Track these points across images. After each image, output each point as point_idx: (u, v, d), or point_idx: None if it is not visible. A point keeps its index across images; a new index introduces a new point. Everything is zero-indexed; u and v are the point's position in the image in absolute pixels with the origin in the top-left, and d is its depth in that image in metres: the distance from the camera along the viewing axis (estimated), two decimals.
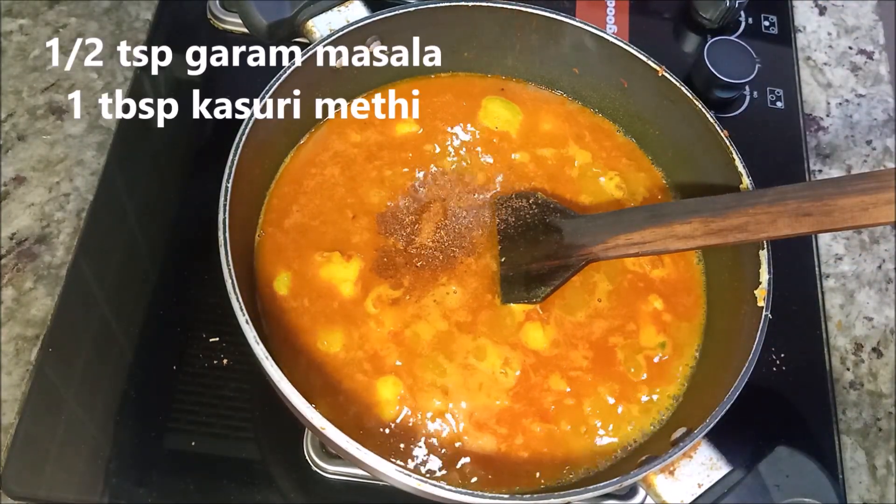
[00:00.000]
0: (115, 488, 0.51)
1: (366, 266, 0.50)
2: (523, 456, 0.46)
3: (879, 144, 0.70)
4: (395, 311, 0.48)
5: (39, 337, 0.54)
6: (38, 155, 0.62)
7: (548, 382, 0.47)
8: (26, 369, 0.53)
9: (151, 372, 0.55)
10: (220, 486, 0.51)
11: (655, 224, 0.45)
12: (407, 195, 0.53)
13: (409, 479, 0.39)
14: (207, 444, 0.52)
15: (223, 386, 0.54)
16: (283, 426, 0.50)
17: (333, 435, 0.39)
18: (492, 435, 0.46)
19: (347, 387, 0.46)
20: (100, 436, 0.53)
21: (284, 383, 0.40)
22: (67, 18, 0.68)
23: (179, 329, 0.56)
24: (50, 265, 0.57)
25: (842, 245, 0.65)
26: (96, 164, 0.61)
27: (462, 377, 0.47)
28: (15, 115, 0.63)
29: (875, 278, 0.64)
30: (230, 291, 0.42)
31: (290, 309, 0.48)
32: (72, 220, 0.59)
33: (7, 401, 0.52)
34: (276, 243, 0.51)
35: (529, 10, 0.53)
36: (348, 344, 0.47)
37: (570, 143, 0.57)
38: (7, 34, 0.67)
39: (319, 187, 0.53)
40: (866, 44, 0.76)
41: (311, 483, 0.51)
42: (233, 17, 0.68)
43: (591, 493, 0.40)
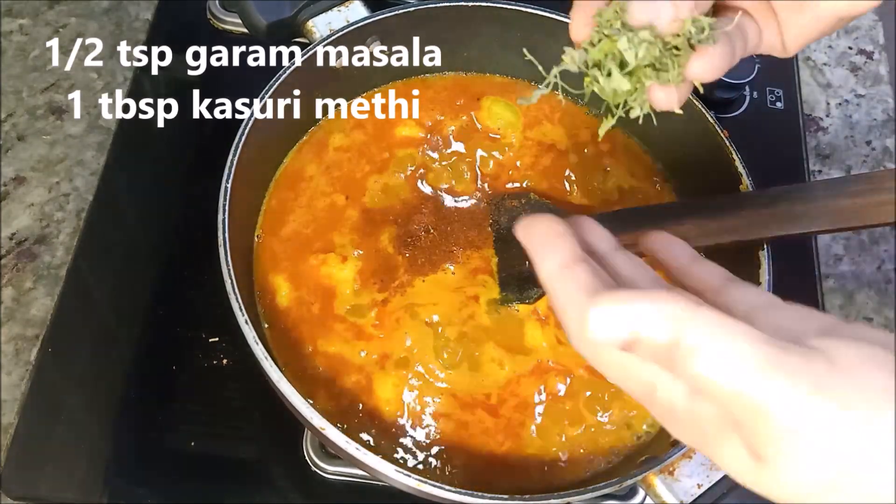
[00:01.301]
0: (115, 488, 0.51)
1: (363, 266, 0.50)
2: (523, 456, 0.46)
3: (879, 145, 0.70)
4: (393, 310, 0.48)
5: (39, 337, 0.54)
6: (38, 155, 0.62)
7: (548, 382, 0.47)
8: (26, 369, 0.53)
9: (151, 372, 0.55)
10: (219, 487, 0.51)
11: (649, 225, 0.45)
12: (405, 195, 0.53)
13: (409, 480, 0.39)
14: (207, 444, 0.52)
15: (223, 386, 0.54)
16: (282, 426, 0.50)
17: (333, 435, 0.39)
18: (492, 434, 0.46)
19: (347, 386, 0.46)
20: (100, 436, 0.53)
21: (284, 383, 0.40)
22: (67, 18, 0.68)
23: (179, 329, 0.56)
24: (50, 265, 0.57)
25: (841, 246, 0.65)
26: (96, 164, 0.61)
27: (462, 376, 0.47)
28: (15, 115, 0.63)
29: (875, 279, 0.64)
30: (229, 292, 0.42)
31: (289, 309, 0.48)
32: (71, 220, 0.59)
33: (7, 401, 0.52)
34: (275, 244, 0.51)
35: (529, 10, 0.53)
36: (347, 344, 0.47)
37: (569, 143, 0.57)
38: (7, 34, 0.67)
39: (319, 188, 0.53)
40: (866, 44, 0.76)
41: (310, 483, 0.51)
42: (233, 17, 0.67)
43: (591, 493, 0.40)
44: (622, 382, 0.25)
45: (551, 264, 0.26)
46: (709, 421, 0.22)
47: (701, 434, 0.23)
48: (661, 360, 0.21)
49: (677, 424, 0.24)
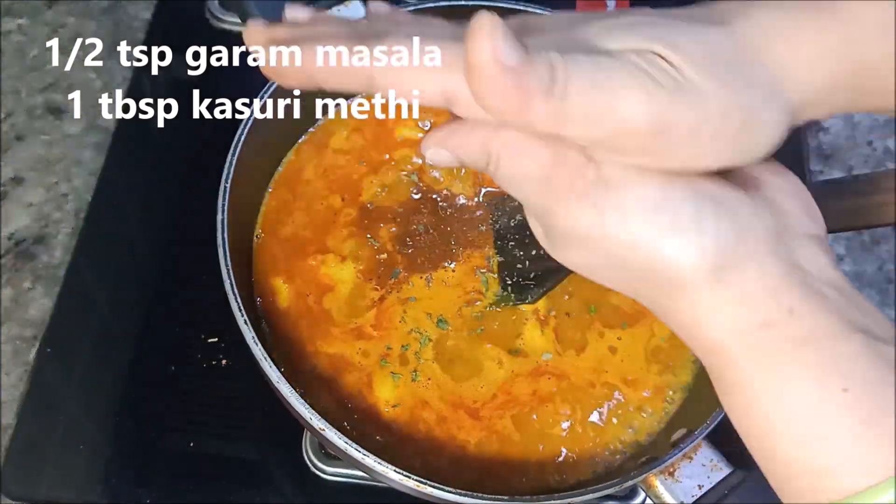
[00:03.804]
0: (115, 488, 0.51)
1: (362, 266, 0.50)
2: (523, 456, 0.45)
3: (880, 145, 0.70)
4: (392, 310, 0.48)
5: (38, 337, 0.54)
6: (37, 155, 0.62)
7: (548, 383, 0.47)
8: (25, 369, 0.53)
9: (151, 372, 0.54)
10: (218, 487, 0.51)
11: None
12: (404, 195, 0.53)
13: (409, 481, 0.39)
14: (206, 445, 0.52)
15: (222, 386, 0.54)
16: (281, 427, 0.50)
17: (332, 436, 0.39)
18: (491, 434, 0.46)
19: (346, 387, 0.46)
20: (99, 436, 0.53)
21: (283, 384, 0.40)
22: (66, 18, 0.68)
23: (179, 329, 0.56)
24: (48, 265, 0.57)
25: (842, 245, 0.65)
26: (95, 164, 0.61)
27: (462, 376, 0.47)
28: (13, 114, 0.63)
29: (876, 279, 0.64)
30: (229, 292, 0.42)
31: (289, 309, 0.48)
32: (70, 220, 0.59)
33: (6, 401, 0.52)
34: (274, 244, 0.51)
35: (529, 10, 0.53)
36: (346, 343, 0.47)
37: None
38: (6, 34, 0.67)
39: (318, 188, 0.53)
40: None
41: (310, 484, 0.51)
42: (232, 17, 0.67)
43: (592, 494, 0.40)
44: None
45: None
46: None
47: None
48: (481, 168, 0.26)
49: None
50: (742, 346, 0.23)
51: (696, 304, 0.24)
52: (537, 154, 0.24)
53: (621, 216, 0.23)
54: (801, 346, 0.22)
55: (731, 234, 0.23)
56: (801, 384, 0.22)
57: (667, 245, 0.23)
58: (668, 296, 0.25)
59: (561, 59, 0.22)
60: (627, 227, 0.23)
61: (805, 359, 0.22)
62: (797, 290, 0.23)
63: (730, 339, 0.24)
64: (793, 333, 0.23)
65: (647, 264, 0.23)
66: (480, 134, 0.25)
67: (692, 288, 0.23)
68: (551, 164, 0.24)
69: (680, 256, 0.23)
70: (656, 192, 0.23)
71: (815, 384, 0.22)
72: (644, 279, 0.25)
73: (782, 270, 0.23)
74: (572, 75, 0.21)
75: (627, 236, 0.23)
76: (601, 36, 0.24)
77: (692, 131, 0.22)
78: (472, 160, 0.25)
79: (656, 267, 0.23)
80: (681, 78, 0.22)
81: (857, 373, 0.22)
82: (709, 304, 0.24)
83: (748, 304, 0.23)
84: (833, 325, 0.23)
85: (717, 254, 0.23)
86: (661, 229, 0.23)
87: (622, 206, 0.23)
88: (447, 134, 0.26)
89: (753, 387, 0.23)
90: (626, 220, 0.23)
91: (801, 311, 0.23)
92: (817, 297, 0.23)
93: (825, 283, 0.24)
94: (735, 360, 0.24)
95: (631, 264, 0.24)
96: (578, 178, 0.23)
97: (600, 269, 0.26)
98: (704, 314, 0.24)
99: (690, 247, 0.23)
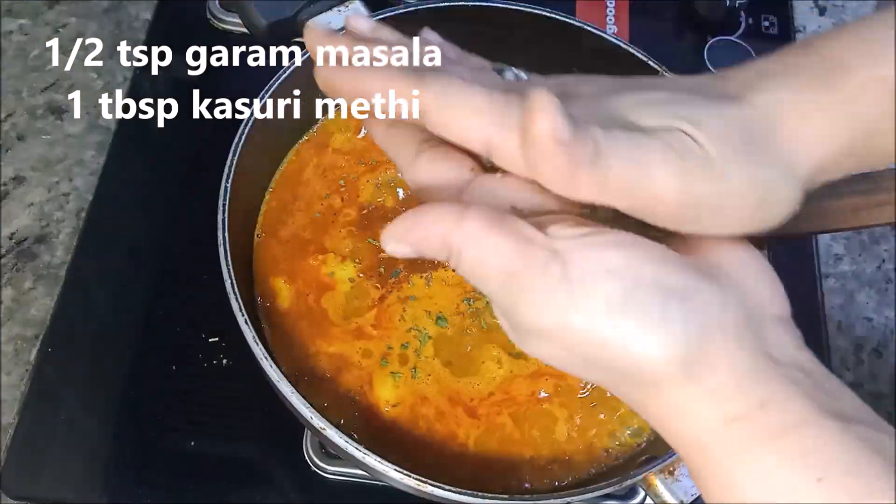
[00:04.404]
0: (115, 488, 0.51)
1: (362, 266, 0.50)
2: (522, 455, 0.46)
3: None
4: (392, 309, 0.48)
5: (38, 337, 0.54)
6: (38, 155, 0.62)
7: (547, 383, 0.47)
8: (25, 369, 0.53)
9: (151, 372, 0.55)
10: (219, 487, 0.51)
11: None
12: (404, 194, 0.53)
13: (409, 480, 0.39)
14: (207, 444, 0.52)
15: (223, 386, 0.54)
16: (282, 426, 0.50)
17: (333, 435, 0.39)
18: (491, 433, 0.46)
19: (347, 386, 0.46)
20: (100, 436, 0.53)
21: (284, 384, 0.40)
22: (67, 18, 0.68)
23: (179, 329, 0.56)
24: (49, 265, 0.57)
25: (842, 245, 0.65)
26: (96, 163, 0.61)
27: (461, 375, 0.47)
28: (14, 114, 0.63)
29: (875, 278, 0.64)
30: (229, 292, 0.42)
31: (289, 309, 0.48)
32: (71, 219, 0.59)
33: (6, 401, 0.52)
34: (274, 244, 0.51)
35: (529, 10, 0.53)
36: (346, 343, 0.47)
37: None
38: (7, 34, 0.67)
39: (318, 189, 0.53)
40: None
41: (310, 483, 0.51)
42: (233, 17, 0.67)
43: (591, 493, 0.40)
44: None
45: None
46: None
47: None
48: (442, 260, 0.26)
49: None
50: (715, 440, 0.23)
51: (667, 400, 0.24)
52: (500, 248, 0.24)
53: (588, 315, 0.23)
54: (775, 438, 0.23)
55: (699, 330, 0.23)
56: (777, 474, 0.22)
57: (635, 343, 0.23)
58: (638, 391, 0.25)
59: (603, 135, 0.23)
60: (595, 325, 0.23)
61: (780, 449, 0.22)
62: (767, 381, 0.23)
63: (704, 436, 0.24)
64: (765, 425, 0.23)
65: (616, 363, 0.24)
66: (441, 227, 0.25)
67: (663, 385, 0.23)
68: (515, 259, 0.24)
69: (648, 355, 0.23)
70: (624, 291, 0.23)
71: (790, 474, 0.22)
72: (614, 375, 0.25)
73: (751, 363, 0.23)
74: (613, 151, 0.23)
75: (595, 335, 0.23)
76: (635, 112, 0.25)
77: (716, 205, 0.24)
78: (433, 254, 0.26)
79: (625, 365, 0.23)
80: (706, 156, 0.24)
81: (831, 461, 0.22)
82: (679, 401, 0.24)
83: (719, 400, 0.23)
84: (804, 413, 0.23)
85: (686, 351, 0.23)
86: (629, 328, 0.23)
87: (588, 306, 0.23)
88: (406, 230, 0.26)
89: (730, 479, 0.23)
90: (594, 320, 0.23)
91: (773, 402, 0.23)
92: (787, 385, 0.23)
93: (794, 366, 0.24)
94: (711, 454, 0.24)
95: (600, 362, 0.24)
96: (543, 275, 0.23)
97: (569, 364, 0.25)
98: (676, 410, 0.24)
99: (659, 346, 0.23)
